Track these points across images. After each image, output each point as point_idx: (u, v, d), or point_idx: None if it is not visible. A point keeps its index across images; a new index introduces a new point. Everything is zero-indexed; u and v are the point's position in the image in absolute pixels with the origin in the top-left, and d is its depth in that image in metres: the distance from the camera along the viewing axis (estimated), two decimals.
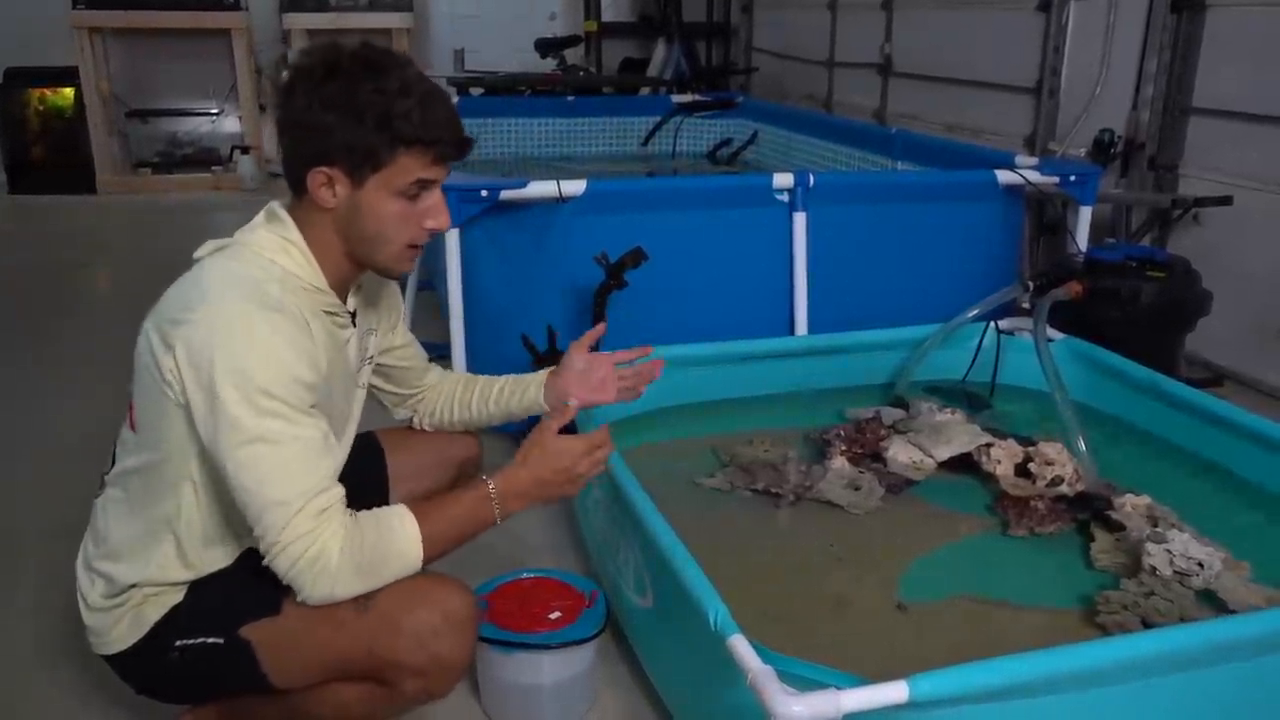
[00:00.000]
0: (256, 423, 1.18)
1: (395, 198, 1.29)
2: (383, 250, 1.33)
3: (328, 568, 1.21)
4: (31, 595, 1.98)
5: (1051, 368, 2.16)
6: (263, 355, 1.19)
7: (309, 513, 1.20)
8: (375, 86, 1.24)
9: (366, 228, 1.30)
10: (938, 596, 1.76)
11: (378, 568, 1.24)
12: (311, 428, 1.23)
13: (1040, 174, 2.73)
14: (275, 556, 1.21)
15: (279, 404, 1.19)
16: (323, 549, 1.20)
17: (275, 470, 1.20)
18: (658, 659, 1.65)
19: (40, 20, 5.82)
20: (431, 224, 1.33)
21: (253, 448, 1.19)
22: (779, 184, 2.53)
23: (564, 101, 5.02)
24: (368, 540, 1.23)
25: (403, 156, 1.26)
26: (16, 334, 3.59)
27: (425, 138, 1.26)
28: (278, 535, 1.20)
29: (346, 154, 1.26)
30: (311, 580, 1.21)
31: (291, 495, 1.19)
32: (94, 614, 1.35)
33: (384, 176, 1.27)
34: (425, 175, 1.29)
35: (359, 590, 1.24)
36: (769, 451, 2.22)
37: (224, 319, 1.20)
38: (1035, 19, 3.78)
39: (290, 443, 1.20)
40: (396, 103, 1.24)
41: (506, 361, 2.35)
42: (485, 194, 2.35)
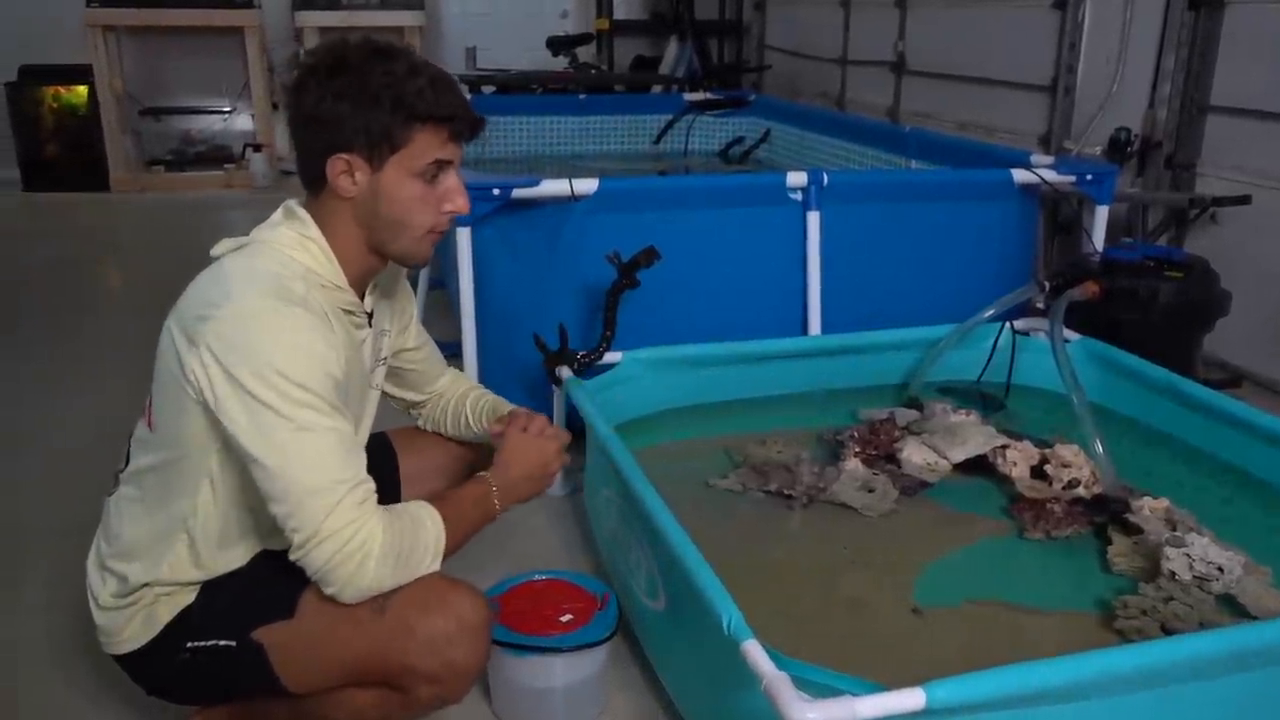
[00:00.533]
0: (294, 413, 1.18)
1: (414, 179, 1.30)
2: (405, 235, 1.33)
3: (370, 556, 1.20)
4: (44, 592, 1.98)
5: (1068, 369, 2.14)
6: (291, 349, 1.19)
7: (350, 503, 1.20)
8: (385, 69, 1.26)
9: (388, 212, 1.30)
10: (953, 600, 1.75)
11: (410, 560, 1.25)
12: (343, 421, 1.23)
13: (1056, 173, 2.70)
14: (315, 547, 1.19)
15: (312, 396, 1.19)
16: (368, 538, 1.20)
17: (315, 459, 1.19)
18: (670, 662, 1.63)
19: (54, 19, 5.84)
20: (450, 207, 1.34)
21: (292, 437, 1.18)
22: (792, 183, 2.51)
23: (575, 100, 5.00)
24: (404, 532, 1.25)
25: (419, 134, 1.28)
26: (30, 330, 3.60)
27: (439, 114, 1.28)
28: (319, 524, 1.18)
29: (364, 138, 1.27)
30: (351, 573, 1.20)
31: (332, 483, 1.19)
32: (105, 613, 1.34)
33: (402, 157, 1.28)
34: (442, 155, 1.30)
35: (391, 584, 1.24)
36: (782, 452, 2.21)
37: (251, 314, 1.20)
38: (1050, 16, 3.75)
39: (327, 433, 1.20)
40: (408, 83, 1.26)
41: (518, 361, 2.35)
42: (497, 192, 2.34)
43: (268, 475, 1.19)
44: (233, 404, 1.19)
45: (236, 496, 1.30)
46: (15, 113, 5.88)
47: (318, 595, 1.27)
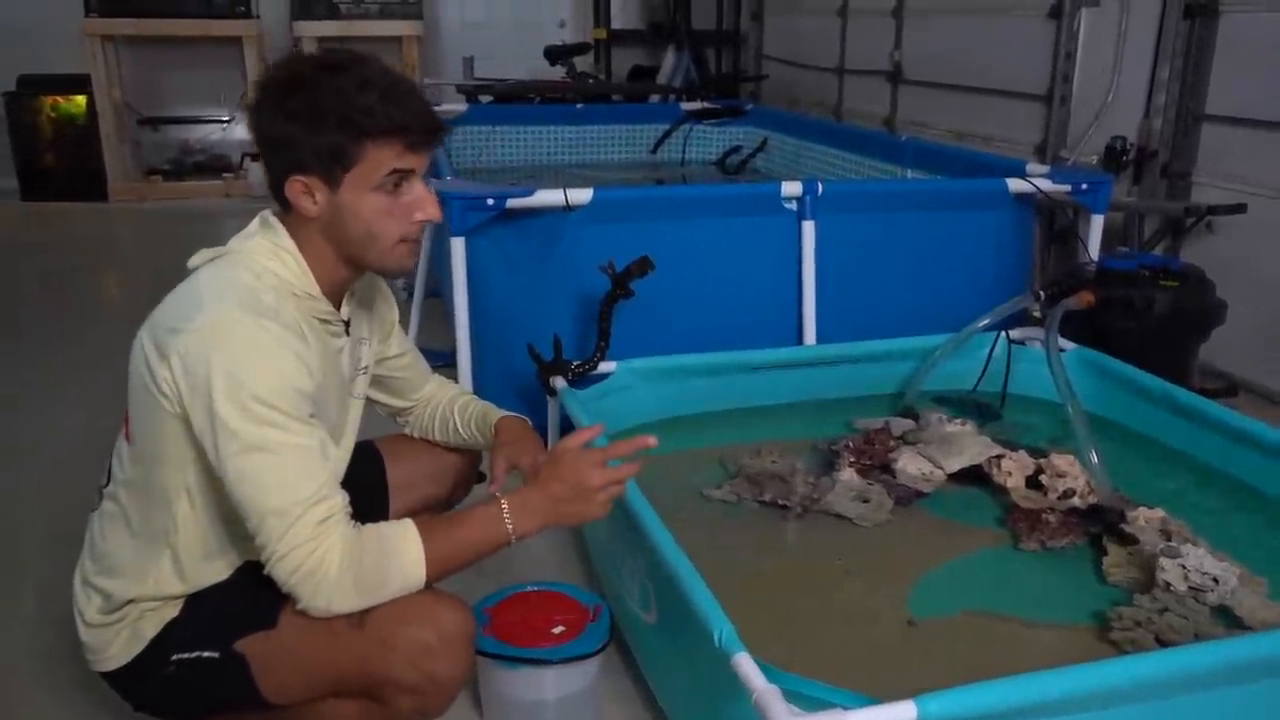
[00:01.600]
0: (253, 431, 1.17)
1: (374, 193, 1.27)
2: (375, 248, 1.31)
3: (326, 580, 1.19)
4: (34, 606, 1.97)
5: (1063, 378, 2.14)
6: (258, 364, 1.19)
7: (308, 522, 1.18)
8: (335, 85, 1.24)
9: (353, 229, 1.29)
10: (948, 611, 1.74)
11: (377, 585, 1.22)
12: (309, 436, 1.22)
13: (1052, 182, 2.71)
14: (274, 565, 1.20)
15: (275, 413, 1.18)
16: (321, 560, 1.19)
17: (273, 479, 1.18)
18: (662, 674, 1.63)
19: (53, 28, 5.85)
20: (420, 216, 1.31)
21: (250, 456, 1.18)
22: (787, 192, 2.52)
23: (573, 109, 5.01)
24: (369, 557, 1.22)
25: (370, 150, 1.25)
26: (28, 340, 3.60)
27: (388, 126, 1.25)
28: (276, 544, 1.18)
29: (316, 160, 1.25)
30: (310, 591, 1.20)
31: (289, 504, 1.18)
32: (91, 630, 1.34)
33: (357, 174, 1.26)
34: (399, 165, 1.27)
35: (357, 606, 1.22)
36: (777, 462, 2.20)
37: (219, 328, 1.19)
38: (1046, 26, 3.75)
39: (287, 451, 1.19)
40: (356, 98, 1.23)
41: (513, 371, 2.35)
42: (491, 203, 2.34)
43: (231, 492, 1.20)
44: (200, 418, 1.19)
45: (215, 509, 1.29)
46: (14, 122, 5.89)
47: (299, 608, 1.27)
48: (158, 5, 5.94)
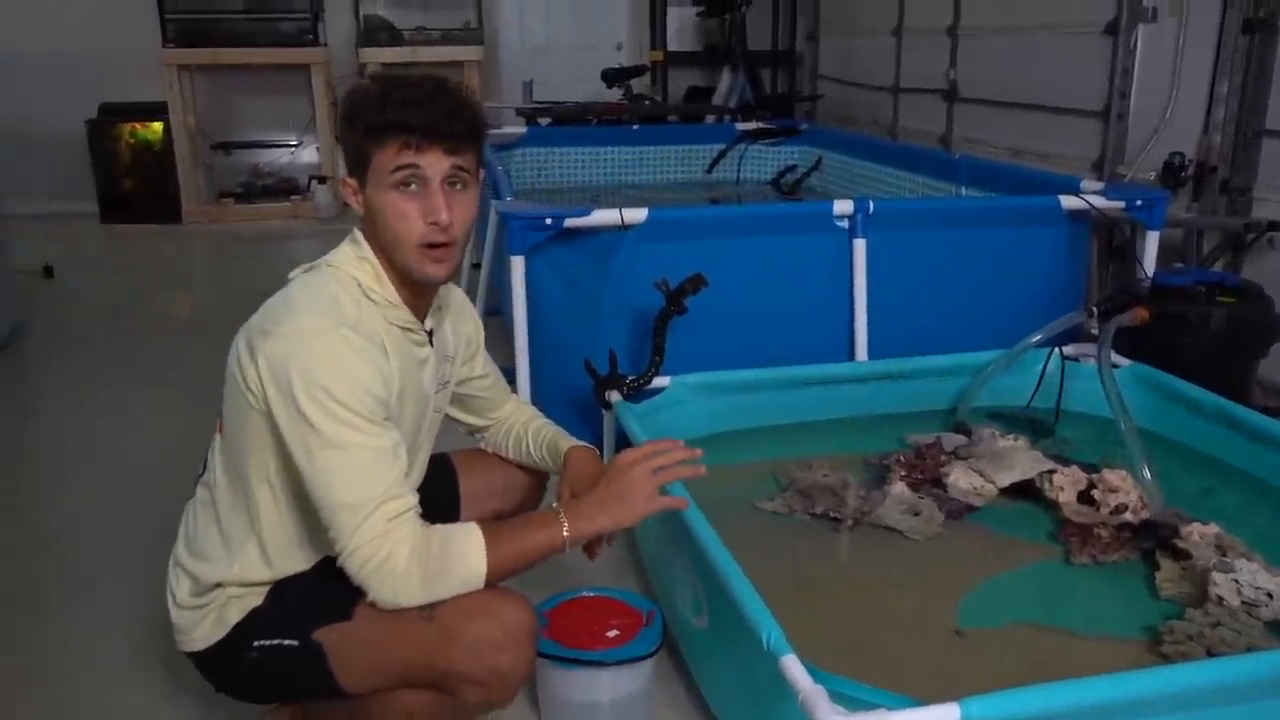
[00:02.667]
0: (330, 430, 1.25)
1: (391, 192, 1.34)
2: (399, 250, 1.36)
3: (394, 573, 1.26)
4: (122, 599, 2.08)
5: (1115, 393, 2.14)
6: (337, 369, 1.27)
7: (379, 518, 1.26)
8: (367, 94, 1.34)
9: (381, 229, 1.37)
10: (997, 623, 1.76)
11: (441, 579, 1.28)
12: (382, 437, 1.29)
13: (1106, 199, 2.70)
14: (346, 559, 1.27)
15: (351, 414, 1.26)
16: (389, 554, 1.26)
17: (347, 476, 1.26)
18: (712, 679, 1.67)
19: (133, 57, 6.09)
20: (431, 219, 1.34)
21: (326, 453, 1.26)
22: (839, 211, 2.56)
23: (629, 130, 5.10)
24: (434, 551, 1.28)
25: (375, 149, 1.33)
26: (108, 355, 3.76)
27: (380, 123, 1.31)
28: (348, 539, 1.26)
29: (350, 161, 1.37)
30: (378, 584, 1.27)
31: (361, 500, 1.26)
32: (181, 612, 1.43)
33: (372, 172, 1.34)
34: (401, 161, 1.31)
35: (422, 599, 1.28)
36: (828, 476, 2.23)
37: (303, 334, 1.28)
38: (1102, 42, 3.74)
39: (361, 450, 1.27)
40: (371, 101, 1.33)
41: (570, 385, 2.41)
42: (550, 222, 2.41)
43: (308, 486, 1.28)
44: (282, 415, 1.28)
45: (296, 502, 1.37)
46: (95, 148, 6.14)
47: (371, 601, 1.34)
48: (231, 35, 6.18)
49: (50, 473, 2.79)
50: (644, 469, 1.42)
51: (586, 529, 1.39)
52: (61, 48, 6.12)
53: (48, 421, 3.25)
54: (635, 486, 1.41)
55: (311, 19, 6.33)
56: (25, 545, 2.35)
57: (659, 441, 1.49)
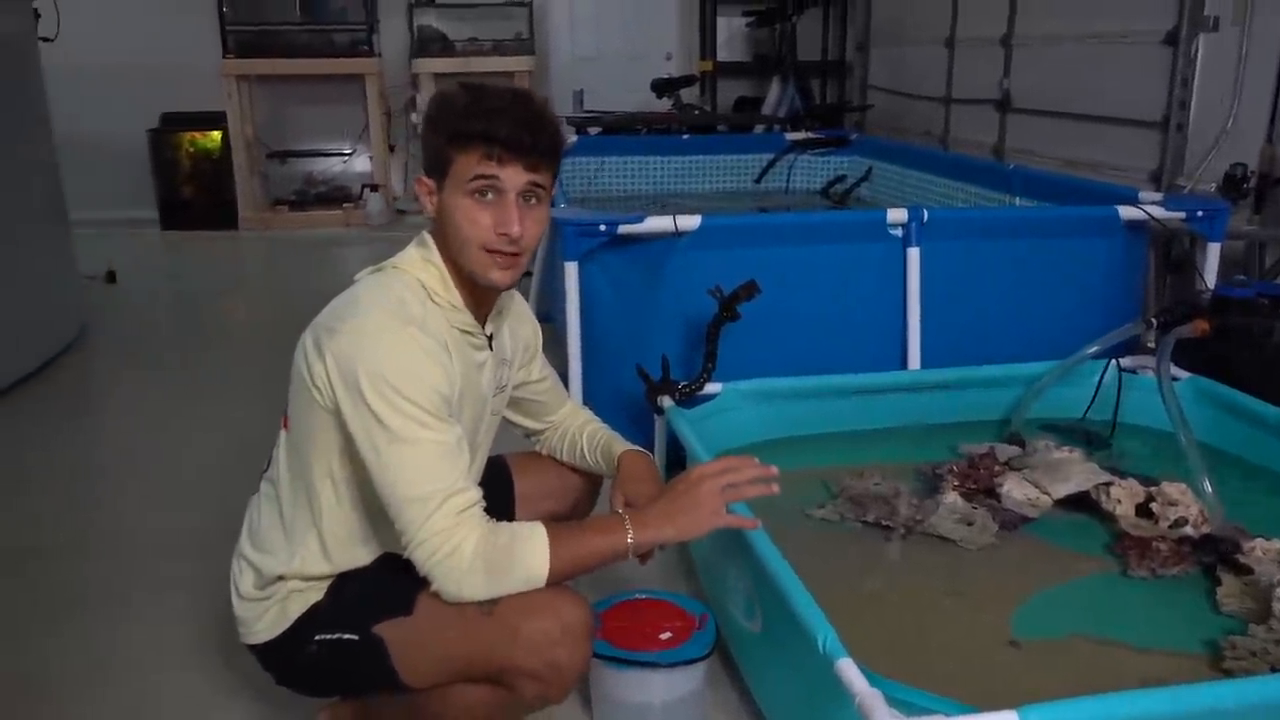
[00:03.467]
0: (397, 425, 1.28)
1: (466, 198, 1.37)
2: (466, 253, 1.39)
3: (459, 566, 1.28)
4: (184, 596, 2.13)
5: (1175, 405, 2.11)
6: (403, 365, 1.30)
7: (447, 511, 1.28)
8: (453, 101, 1.38)
9: (450, 231, 1.40)
10: (1053, 635, 1.74)
11: (504, 575, 1.30)
12: (447, 433, 1.32)
13: (1165, 210, 2.67)
14: (413, 551, 1.30)
15: (417, 409, 1.29)
16: (456, 547, 1.28)
17: (413, 469, 1.29)
18: (765, 684, 1.67)
19: (194, 68, 6.26)
20: (501, 229, 1.37)
21: (393, 448, 1.29)
22: (893, 219, 2.55)
23: (679, 139, 5.12)
24: (499, 548, 1.30)
25: (458, 155, 1.36)
26: (168, 357, 3.85)
27: (468, 131, 1.34)
28: (416, 531, 1.29)
29: (429, 162, 1.40)
30: (443, 575, 1.29)
31: (429, 493, 1.28)
32: (244, 604, 1.46)
33: (452, 177, 1.38)
34: (481, 171, 1.35)
35: (484, 593, 1.30)
36: (880, 484, 2.22)
37: (370, 331, 1.32)
38: (1162, 52, 3.69)
39: (428, 445, 1.30)
40: (457, 108, 1.36)
41: (622, 391, 2.43)
42: (604, 228, 2.43)
43: (376, 481, 1.31)
44: (349, 411, 1.31)
45: (359, 498, 1.40)
46: (156, 157, 6.31)
47: (432, 594, 1.36)
48: (289, 46, 6.31)
49: (115, 471, 2.87)
50: (714, 484, 1.41)
51: (651, 538, 1.40)
52: (126, 59, 6.30)
53: (112, 421, 3.34)
54: (704, 501, 1.40)
55: (367, 30, 6.44)
56: (93, 543, 2.41)
57: (733, 459, 1.48)
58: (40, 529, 2.49)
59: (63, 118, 4.19)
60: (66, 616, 2.09)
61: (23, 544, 2.40)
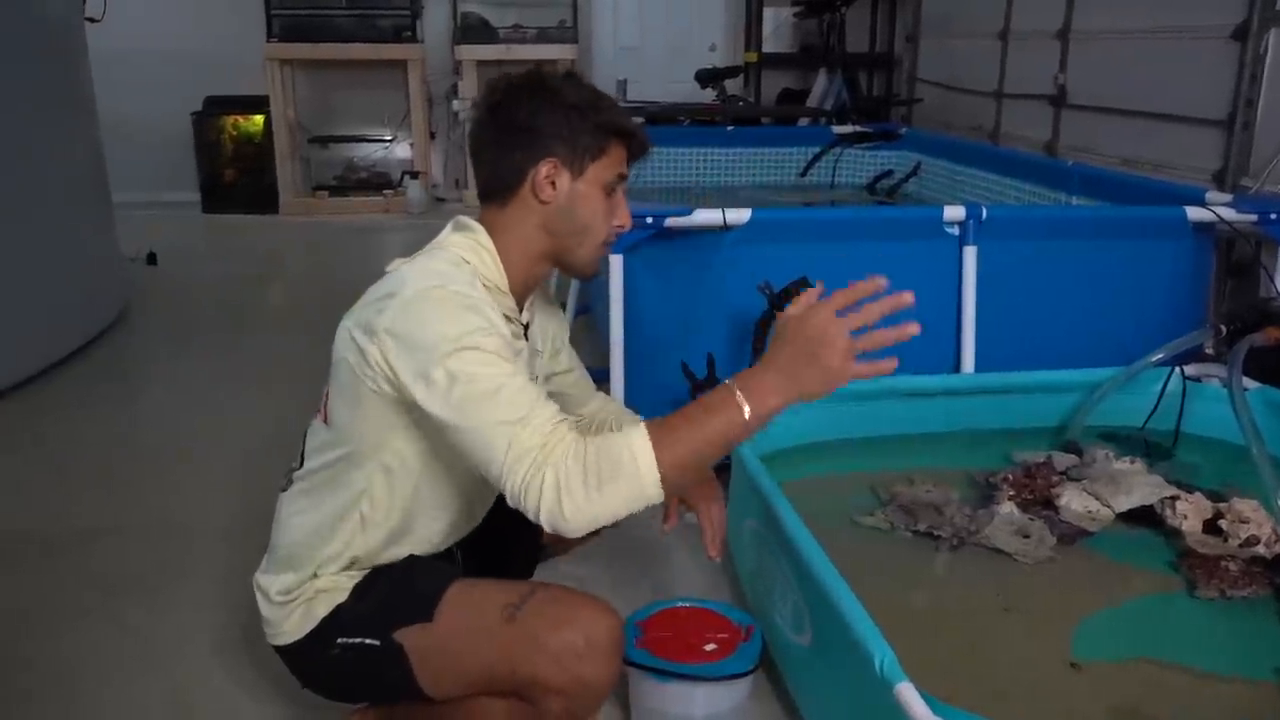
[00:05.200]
0: (468, 369, 1.21)
1: (600, 189, 1.39)
2: (587, 243, 1.41)
3: (557, 480, 1.14)
4: (210, 589, 2.10)
5: (1248, 417, 2.01)
6: (462, 316, 1.24)
7: (533, 432, 1.17)
8: (579, 88, 1.39)
9: (580, 218, 1.39)
10: (1116, 657, 1.65)
11: (609, 474, 1.14)
12: (516, 370, 1.24)
13: (1235, 211, 2.56)
14: (506, 481, 1.18)
15: (483, 353, 1.22)
16: (548, 461, 1.16)
17: (494, 400, 1.19)
18: (814, 700, 1.60)
19: (238, 52, 6.27)
20: (618, 222, 1.42)
21: (467, 388, 1.20)
22: (949, 217, 2.46)
23: (723, 131, 5.04)
24: (593, 447, 1.16)
25: (612, 146, 1.39)
26: (204, 342, 3.84)
27: (627, 129, 1.40)
28: (503, 457, 1.17)
29: (569, 147, 1.36)
30: (542, 496, 1.15)
31: (514, 415, 1.18)
32: (270, 605, 1.42)
33: (598, 167, 1.38)
34: (623, 170, 1.42)
35: (590, 506, 1.15)
36: (931, 492, 2.15)
37: (421, 296, 1.26)
38: (1228, 47, 3.56)
39: (502, 379, 1.21)
40: (602, 100, 1.40)
41: (665, 388, 2.36)
42: (650, 221, 2.37)
43: (457, 428, 1.20)
44: (414, 378, 1.23)
45: (404, 495, 1.36)
46: (199, 140, 6.34)
47: (455, 601, 1.31)
48: (332, 31, 6.29)
49: (152, 454, 2.85)
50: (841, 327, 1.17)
51: (773, 404, 1.17)
52: (171, 43, 6.33)
53: (150, 403, 3.34)
54: (830, 342, 1.15)
55: (410, 16, 6.42)
56: (131, 527, 2.39)
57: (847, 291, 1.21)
58: (78, 513, 2.47)
59: (107, 99, 4.20)
60: (100, 603, 2.07)
61: (59, 527, 2.38)
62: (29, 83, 3.36)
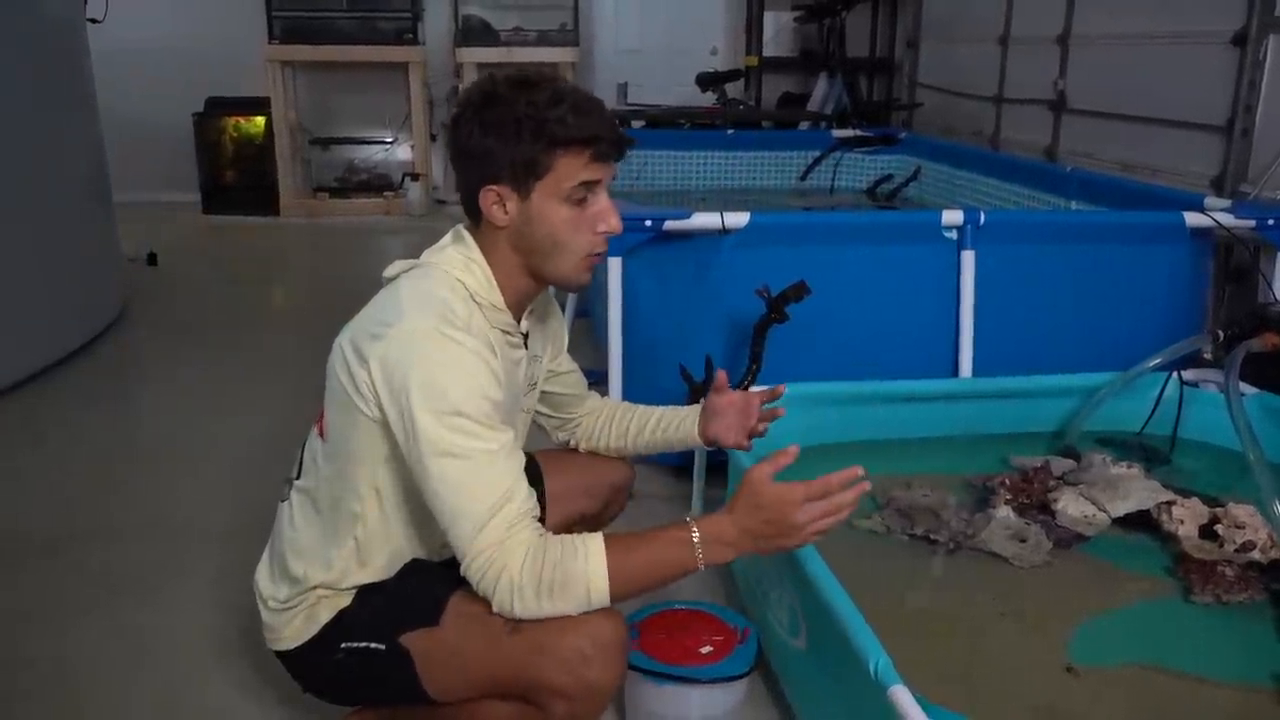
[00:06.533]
0: (447, 437, 1.23)
1: (563, 204, 1.32)
2: (561, 259, 1.35)
3: (511, 582, 1.22)
4: (209, 591, 2.10)
5: (1244, 423, 2.01)
6: (453, 374, 1.24)
7: (497, 525, 1.23)
8: (529, 100, 1.30)
9: (542, 239, 1.34)
10: (1112, 662, 1.66)
11: (560, 589, 1.22)
12: (498, 440, 1.26)
13: (1234, 217, 2.56)
14: (466, 567, 1.25)
15: (468, 420, 1.24)
16: (505, 564, 1.22)
17: (463, 483, 1.23)
18: (809, 703, 1.61)
19: (239, 53, 6.28)
20: (603, 227, 1.35)
21: (443, 461, 1.23)
22: (948, 221, 2.47)
23: (723, 135, 5.05)
24: (550, 559, 1.23)
25: (561, 160, 1.30)
26: (204, 344, 3.85)
27: (579, 137, 1.30)
28: (466, 547, 1.23)
29: (509, 170, 1.31)
30: (495, 592, 1.23)
31: (479, 509, 1.23)
32: (271, 612, 1.42)
33: (547, 184, 1.31)
34: (587, 176, 1.32)
35: (536, 609, 1.23)
36: (928, 496, 2.15)
37: (418, 337, 1.26)
38: (1228, 53, 3.56)
39: (479, 456, 1.24)
40: (549, 111, 1.29)
41: (662, 391, 2.36)
42: (649, 224, 2.37)
43: (425, 494, 1.26)
44: (397, 421, 1.25)
45: (401, 506, 1.35)
46: (200, 140, 6.34)
47: (460, 605, 1.31)
48: (334, 33, 6.30)
49: (151, 454, 2.86)
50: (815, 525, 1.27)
51: (721, 558, 1.28)
52: (173, 43, 6.34)
53: (149, 403, 3.34)
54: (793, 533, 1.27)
55: (411, 19, 6.43)
56: (131, 527, 2.40)
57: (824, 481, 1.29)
58: (76, 512, 2.48)
59: (109, 100, 4.20)
60: (100, 602, 2.07)
61: (59, 527, 2.39)
62: (31, 83, 3.37)
